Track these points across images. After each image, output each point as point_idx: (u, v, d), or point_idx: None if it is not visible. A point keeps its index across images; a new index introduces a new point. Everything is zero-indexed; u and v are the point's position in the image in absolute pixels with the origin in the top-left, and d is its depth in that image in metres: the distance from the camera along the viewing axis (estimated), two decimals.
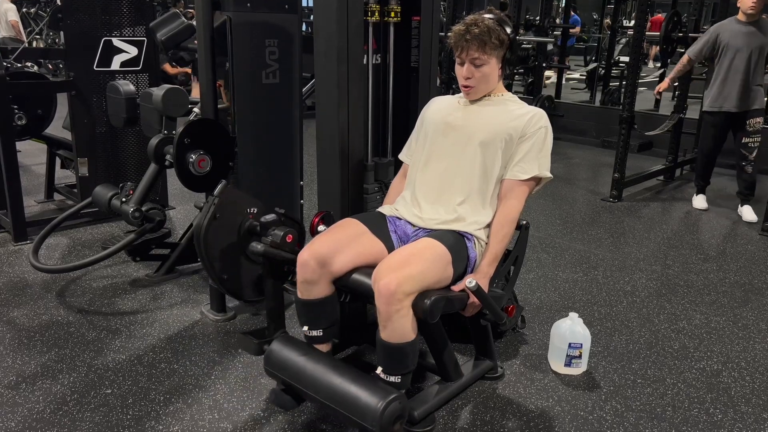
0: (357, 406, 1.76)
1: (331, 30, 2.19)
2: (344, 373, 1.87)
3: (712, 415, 2.14)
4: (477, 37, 1.98)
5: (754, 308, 2.98)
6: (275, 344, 2.02)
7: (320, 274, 1.95)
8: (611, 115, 6.85)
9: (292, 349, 2.00)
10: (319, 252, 1.95)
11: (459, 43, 2.02)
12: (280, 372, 1.98)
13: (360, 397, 1.77)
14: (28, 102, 3.83)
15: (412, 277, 1.79)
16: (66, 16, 3.54)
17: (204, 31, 2.50)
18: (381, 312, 1.80)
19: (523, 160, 2.05)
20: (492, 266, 2.05)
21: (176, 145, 2.48)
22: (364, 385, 1.80)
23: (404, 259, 1.85)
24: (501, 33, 2.01)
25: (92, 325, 2.63)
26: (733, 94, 4.22)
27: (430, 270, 1.85)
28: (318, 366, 1.91)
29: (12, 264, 3.22)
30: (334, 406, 1.82)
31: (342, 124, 2.27)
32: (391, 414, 1.73)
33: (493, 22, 2.01)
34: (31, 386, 2.19)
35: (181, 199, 4.30)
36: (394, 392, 1.78)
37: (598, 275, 3.31)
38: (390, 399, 1.74)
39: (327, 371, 1.88)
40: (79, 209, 3.21)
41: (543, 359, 2.44)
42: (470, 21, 2.02)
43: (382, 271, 1.80)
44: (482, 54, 2.01)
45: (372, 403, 1.74)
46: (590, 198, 4.84)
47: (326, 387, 1.85)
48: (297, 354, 1.97)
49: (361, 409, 1.76)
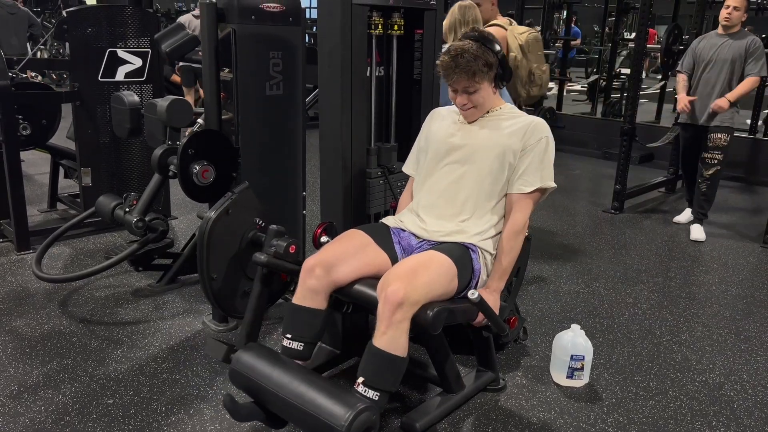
0: (323, 416, 1.64)
1: (335, 43, 2.21)
2: (314, 382, 1.76)
3: (714, 428, 2.13)
4: (464, 68, 1.98)
5: (757, 320, 2.97)
6: (243, 351, 1.92)
7: (324, 282, 1.95)
8: (612, 126, 6.87)
9: (259, 356, 1.89)
10: (325, 260, 1.97)
11: (448, 75, 2.03)
12: (244, 381, 1.85)
13: (327, 406, 1.64)
14: (32, 112, 3.85)
15: (418, 287, 1.79)
16: (71, 27, 3.57)
17: (209, 42, 2.52)
18: (383, 318, 1.78)
19: (526, 173, 2.06)
20: (502, 280, 2.06)
21: (180, 155, 2.50)
22: (334, 395, 1.69)
23: (411, 269, 1.85)
24: (488, 56, 2.01)
25: (94, 334, 2.64)
26: (702, 107, 4.13)
27: (436, 282, 1.86)
28: (286, 374, 1.79)
29: (15, 273, 3.22)
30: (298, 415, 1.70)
31: (345, 136, 2.29)
32: (360, 425, 1.60)
33: (477, 47, 2.00)
34: (33, 396, 2.19)
35: (184, 209, 4.31)
36: (366, 402, 1.69)
37: (599, 287, 3.31)
38: (360, 409, 1.62)
39: (295, 379, 1.76)
40: (83, 219, 3.23)
41: (545, 371, 2.44)
42: (455, 51, 2.00)
43: (390, 280, 1.80)
44: (473, 82, 2.02)
45: (339, 413, 1.62)
46: (592, 209, 4.85)
47: (294, 395, 1.72)
48: (265, 362, 1.85)
49: (326, 418, 1.63)
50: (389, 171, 2.46)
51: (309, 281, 1.97)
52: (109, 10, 3.76)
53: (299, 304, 1.99)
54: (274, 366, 1.83)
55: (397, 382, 1.82)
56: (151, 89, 3.87)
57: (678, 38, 5.31)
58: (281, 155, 2.72)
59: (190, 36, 3.00)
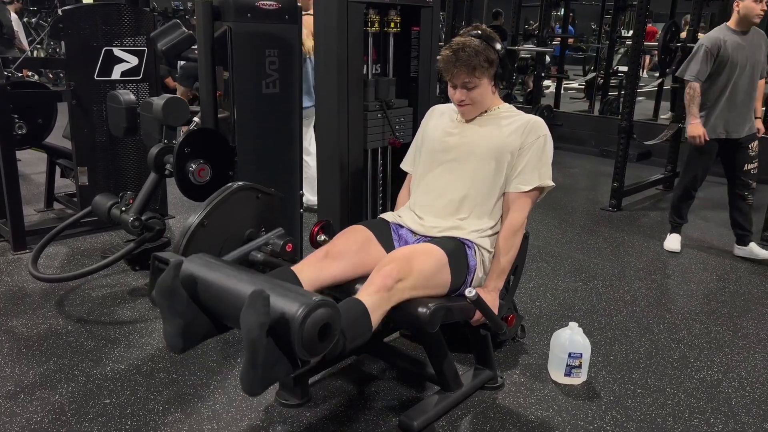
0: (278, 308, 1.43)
1: (332, 40, 2.20)
2: (265, 280, 1.59)
3: (712, 425, 2.13)
4: (465, 62, 1.98)
5: (754, 318, 2.97)
6: (188, 259, 1.70)
7: (325, 266, 1.95)
8: (610, 124, 6.88)
9: (205, 260, 1.69)
10: (332, 251, 1.99)
11: (448, 69, 2.02)
12: (187, 280, 1.62)
13: (278, 302, 1.44)
14: (28, 111, 3.84)
15: (413, 271, 1.82)
16: (67, 26, 3.56)
17: (204, 40, 2.52)
18: (374, 282, 1.78)
19: (524, 171, 2.06)
20: (500, 279, 2.06)
21: (176, 154, 2.49)
22: (287, 290, 1.51)
23: (405, 255, 1.88)
24: (489, 53, 2.01)
25: (91, 334, 2.63)
26: (737, 118, 3.61)
27: (428, 270, 1.88)
28: (228, 269, 1.63)
29: (11, 273, 3.21)
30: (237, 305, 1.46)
31: (342, 135, 2.28)
32: (314, 323, 1.41)
33: (480, 43, 2.00)
34: (29, 396, 2.18)
35: (180, 208, 4.30)
36: (323, 298, 1.46)
37: (597, 284, 3.31)
38: (316, 302, 1.41)
39: (238, 272, 1.62)
40: (79, 218, 3.22)
41: (543, 369, 2.44)
42: (457, 45, 2.00)
43: (386, 261, 1.85)
44: (473, 77, 2.01)
45: (291, 309, 1.41)
46: (589, 207, 4.85)
47: (232, 285, 1.54)
48: (208, 263, 1.67)
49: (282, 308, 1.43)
50: (387, 105, 2.41)
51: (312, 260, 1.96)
52: (105, 8, 3.74)
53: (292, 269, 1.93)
54: (216, 264, 1.67)
55: (356, 339, 1.68)
56: (147, 88, 3.85)
57: (675, 35, 5.30)
58: (278, 154, 2.72)
59: (186, 34, 3.00)
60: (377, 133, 2.41)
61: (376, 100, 2.41)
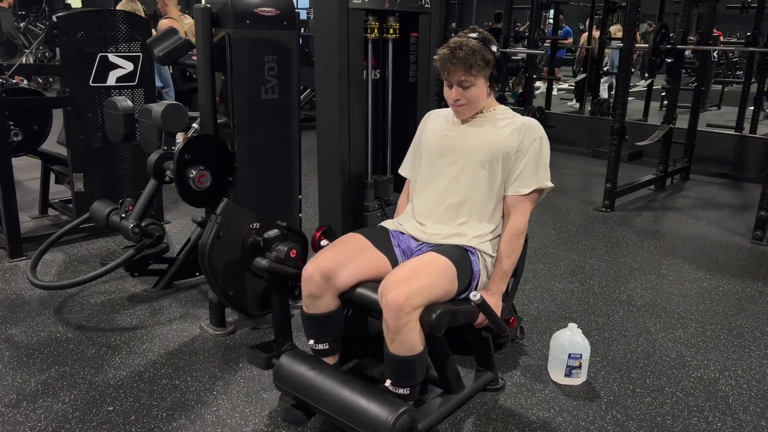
0: (367, 420, 1.78)
1: (332, 47, 2.22)
2: (354, 386, 1.88)
3: (711, 423, 2.17)
4: (462, 60, 1.99)
5: (749, 316, 3.02)
6: (284, 358, 2.03)
7: (325, 288, 1.97)
8: (601, 124, 6.93)
9: (300, 362, 2.01)
10: (323, 266, 1.97)
11: (445, 66, 2.04)
12: (289, 386, 1.99)
13: (370, 410, 1.79)
14: (23, 118, 3.82)
15: (419, 290, 1.81)
16: (61, 32, 3.55)
17: (203, 47, 2.52)
18: (389, 326, 1.81)
19: (522, 174, 2.08)
20: (503, 282, 2.09)
21: (176, 160, 2.49)
22: (373, 398, 1.83)
23: (411, 272, 1.87)
24: (486, 53, 2.03)
25: (91, 341, 2.62)
26: None
27: (437, 284, 1.87)
28: (327, 379, 1.92)
29: (8, 281, 3.20)
30: (344, 420, 1.84)
31: (342, 139, 2.30)
32: (401, 427, 1.75)
33: (477, 43, 2.02)
34: (32, 404, 2.17)
35: (177, 213, 4.30)
36: (404, 405, 1.80)
37: (593, 285, 3.34)
38: (401, 412, 1.76)
39: (336, 384, 1.89)
40: (77, 225, 3.21)
41: (543, 370, 2.46)
42: (454, 44, 2.03)
43: (389, 285, 1.82)
44: (469, 76, 2.03)
45: (382, 417, 1.76)
46: (583, 208, 4.89)
47: (336, 400, 1.86)
48: (306, 368, 1.98)
49: (371, 422, 1.77)
50: (386, 203, 2.52)
51: (310, 289, 1.98)
52: (100, 14, 3.74)
53: (308, 312, 2.03)
54: (314, 372, 1.96)
55: (422, 372, 1.92)
56: (142, 93, 3.85)
57: (665, 37, 5.36)
58: (277, 159, 2.73)
59: (182, 40, 2.99)
60: None
61: (375, 200, 2.52)
